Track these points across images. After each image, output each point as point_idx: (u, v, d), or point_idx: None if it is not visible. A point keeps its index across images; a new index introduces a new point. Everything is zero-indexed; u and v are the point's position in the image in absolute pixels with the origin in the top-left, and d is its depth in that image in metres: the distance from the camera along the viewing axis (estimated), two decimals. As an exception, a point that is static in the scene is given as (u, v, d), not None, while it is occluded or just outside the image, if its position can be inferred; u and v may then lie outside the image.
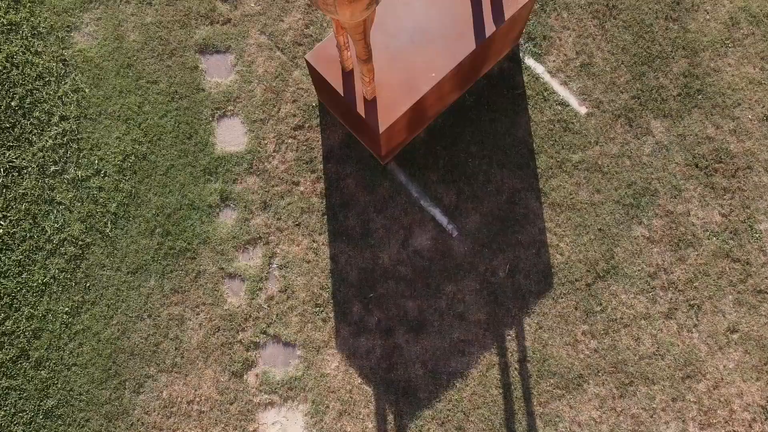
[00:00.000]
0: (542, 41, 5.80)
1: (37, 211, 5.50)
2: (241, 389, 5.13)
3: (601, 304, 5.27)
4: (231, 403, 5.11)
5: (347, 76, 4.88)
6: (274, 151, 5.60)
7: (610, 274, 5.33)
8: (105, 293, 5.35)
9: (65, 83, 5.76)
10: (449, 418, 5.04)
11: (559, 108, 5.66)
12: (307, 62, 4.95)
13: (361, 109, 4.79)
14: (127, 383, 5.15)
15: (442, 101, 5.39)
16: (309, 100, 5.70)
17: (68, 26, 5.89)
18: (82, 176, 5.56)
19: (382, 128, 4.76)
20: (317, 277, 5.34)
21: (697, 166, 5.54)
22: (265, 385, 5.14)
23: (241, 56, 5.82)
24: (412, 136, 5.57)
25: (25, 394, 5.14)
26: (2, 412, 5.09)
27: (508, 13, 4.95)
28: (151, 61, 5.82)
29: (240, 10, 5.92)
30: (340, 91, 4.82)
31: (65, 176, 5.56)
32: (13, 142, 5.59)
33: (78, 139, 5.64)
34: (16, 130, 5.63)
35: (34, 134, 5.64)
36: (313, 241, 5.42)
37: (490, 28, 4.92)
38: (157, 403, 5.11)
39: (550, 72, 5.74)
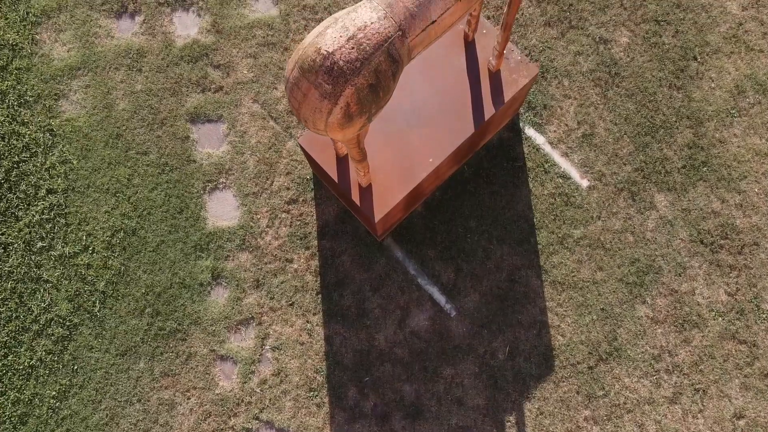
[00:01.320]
0: (543, 110, 5.64)
1: (23, 290, 5.34)
2: (232, 479, 4.99)
3: (603, 389, 5.12)
4: (222, 494, 4.96)
5: (342, 160, 4.72)
6: (267, 227, 5.45)
7: (612, 356, 5.18)
8: (93, 376, 5.19)
9: (53, 154, 5.61)
10: None
11: (561, 181, 5.51)
12: (300, 146, 4.80)
13: (356, 196, 4.63)
14: (115, 473, 5.00)
15: (439, 179, 5.24)
16: (303, 173, 5.54)
17: (56, 94, 5.73)
18: (69, 253, 5.40)
19: (377, 216, 4.60)
20: (311, 359, 5.19)
21: (702, 242, 5.39)
22: (257, 474, 4.99)
23: (233, 126, 5.67)
24: (409, 212, 5.41)
25: (10, 484, 4.99)
26: (-13, 504, 4.94)
27: (508, 94, 4.80)
28: (141, 130, 5.66)
29: (232, 78, 5.76)
30: (334, 176, 4.67)
31: (52, 253, 5.41)
32: (-2, 218, 5.45)
33: (66, 213, 5.49)
34: (1, 204, 5.48)
35: (21, 209, 5.49)
36: (307, 321, 5.26)
37: (489, 110, 4.77)
38: (146, 494, 4.96)
39: (551, 143, 5.59)
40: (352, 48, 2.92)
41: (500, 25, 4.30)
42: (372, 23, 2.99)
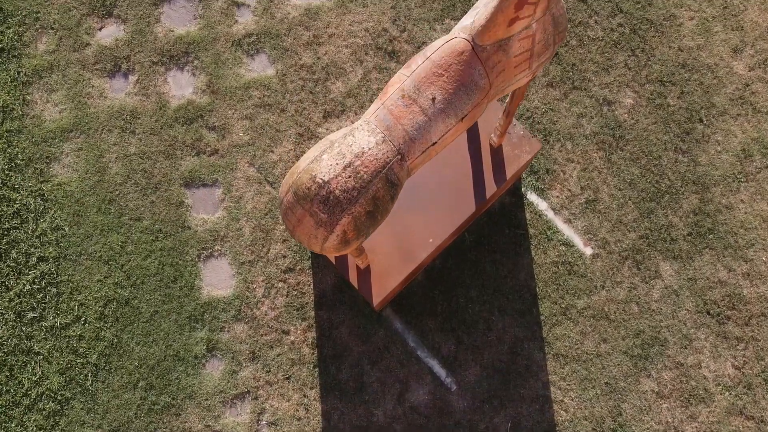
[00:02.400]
0: (545, 175, 5.52)
1: (13, 363, 5.22)
2: None
3: (607, 467, 5.00)
4: None
5: (339, 239, 4.60)
6: (263, 296, 5.32)
7: (617, 432, 5.06)
8: (85, 453, 5.08)
9: (44, 221, 5.48)
10: None
11: (564, 248, 5.38)
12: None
13: (353, 278, 4.51)
14: None
15: (439, 250, 5.11)
16: (300, 240, 5.41)
17: (47, 157, 5.60)
18: (61, 324, 5.28)
19: (376, 300, 4.48)
20: (309, 436, 5.07)
21: (708, 313, 5.27)
22: None
23: (228, 190, 5.54)
24: (409, 282, 5.29)
25: None
26: None
27: (510, 171, 4.67)
28: (135, 195, 5.53)
29: (228, 140, 5.64)
30: (332, 258, 4.55)
31: (44, 324, 5.28)
32: (-12, 287, 5.32)
33: (57, 282, 5.36)
34: (-9, 273, 5.36)
35: (11, 278, 5.37)
36: (304, 396, 5.14)
37: (491, 188, 4.65)
38: None
39: (553, 209, 5.46)
40: (349, 176, 2.79)
41: (503, 111, 4.18)
42: (370, 149, 2.86)
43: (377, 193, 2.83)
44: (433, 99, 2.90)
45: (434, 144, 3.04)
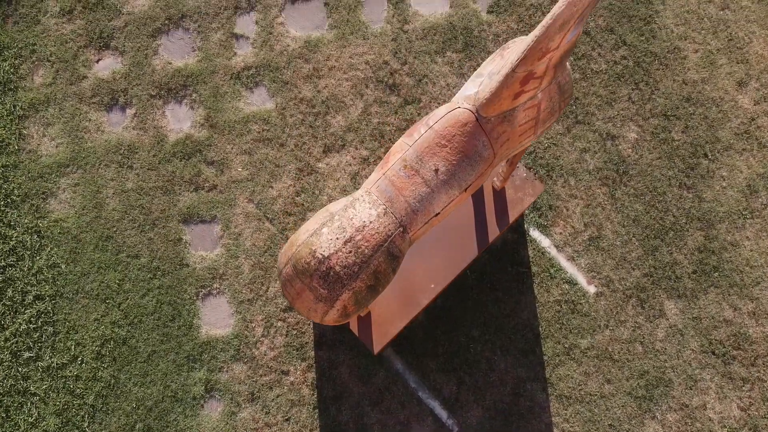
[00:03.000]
0: (548, 211, 5.44)
1: (9, 404, 5.15)
2: None
3: None
4: None
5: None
6: (262, 336, 5.25)
7: (621, 476, 4.99)
8: (82, 497, 5.01)
9: (40, 258, 5.41)
10: None
11: (567, 287, 5.31)
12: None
13: (354, 326, 4.44)
14: None
15: (440, 293, 5.04)
16: (300, 278, 5.34)
17: (44, 193, 5.53)
18: (57, 364, 5.21)
19: (377, 348, 4.41)
20: (308, 479, 5.00)
21: (713, 353, 5.19)
22: None
23: (227, 227, 5.47)
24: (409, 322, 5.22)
25: None
26: None
27: (513, 214, 4.60)
28: (132, 232, 5.46)
29: (227, 175, 5.56)
30: (332, 303, 4.48)
31: (40, 364, 5.21)
32: (-16, 327, 5.25)
33: (54, 321, 5.29)
34: (-13, 312, 5.29)
35: (7, 317, 5.29)
36: (304, 438, 5.07)
37: (493, 232, 4.58)
38: None
39: (556, 246, 5.39)
40: (350, 252, 2.72)
41: (506, 160, 4.11)
42: (371, 222, 2.79)
43: (378, 267, 2.77)
44: (436, 170, 2.83)
45: (437, 215, 2.97)
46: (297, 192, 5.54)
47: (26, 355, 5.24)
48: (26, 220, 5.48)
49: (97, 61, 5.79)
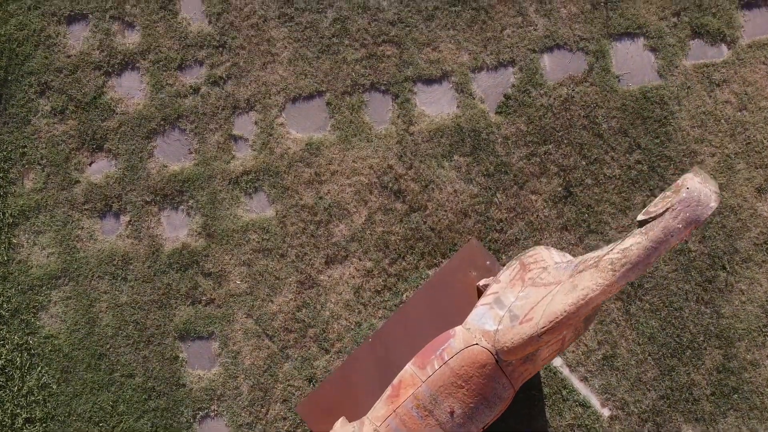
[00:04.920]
0: (560, 328, 5.22)
1: None
2: None
3: None
4: None
5: None
6: (262, 463, 5.04)
7: None
8: None
9: (31, 378, 5.19)
10: None
11: (580, 410, 5.09)
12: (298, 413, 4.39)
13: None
14: None
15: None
16: (300, 399, 5.13)
17: (34, 307, 5.31)
18: (48, 493, 4.99)
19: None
20: None
21: (733, 482, 4.98)
22: None
23: (225, 344, 5.25)
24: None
25: None
26: None
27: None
28: (126, 350, 5.24)
29: (224, 288, 5.34)
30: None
31: (30, 493, 5.00)
32: (-29, 454, 5.03)
33: (44, 446, 5.07)
34: (-25, 438, 5.07)
35: (-4, 442, 5.08)
36: None
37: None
38: None
39: (569, 365, 5.17)
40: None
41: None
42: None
43: None
44: (452, 413, 2.63)
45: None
46: (298, 307, 5.31)
47: (15, 483, 5.02)
48: (16, 337, 5.25)
49: (90, 164, 5.56)
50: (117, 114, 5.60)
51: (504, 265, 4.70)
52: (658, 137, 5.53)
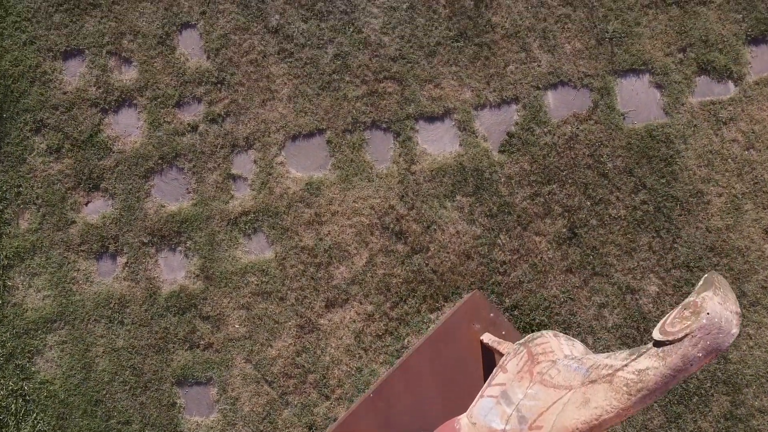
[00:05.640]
0: (565, 373, 5.13)
1: None
2: None
3: None
4: None
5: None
6: None
7: None
8: None
9: (26, 425, 5.10)
10: None
11: (585, 458, 5.00)
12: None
13: None
14: None
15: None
16: (301, 448, 5.05)
17: (30, 351, 5.22)
18: None
19: None
20: None
21: None
22: None
23: (224, 390, 5.16)
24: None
25: None
26: None
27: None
28: (123, 395, 5.15)
29: (223, 332, 5.25)
30: None
31: None
32: (-35, 504, 4.95)
33: (39, 495, 4.98)
34: (-32, 487, 4.98)
35: (-10, 491, 4.99)
36: None
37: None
38: None
39: (573, 412, 5.07)
40: None
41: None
42: None
43: None
44: None
45: None
46: (298, 352, 5.22)
47: None
48: (11, 383, 5.16)
49: (86, 204, 5.47)
50: (114, 152, 5.50)
51: (506, 320, 4.61)
52: (663, 177, 5.44)
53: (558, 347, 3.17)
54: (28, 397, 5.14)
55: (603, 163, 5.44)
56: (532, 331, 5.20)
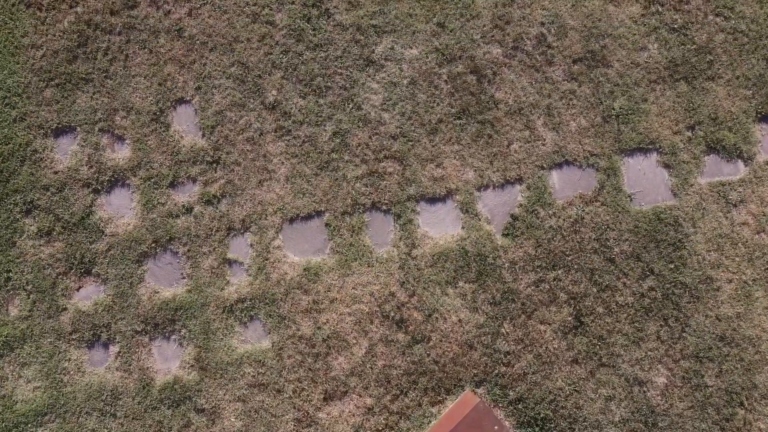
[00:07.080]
0: (570, 470, 4.99)
1: None
2: None
3: None
4: None
5: None
6: None
7: None
8: None
9: None
10: None
11: None
12: None
13: None
14: None
15: None
16: None
17: (19, 446, 5.07)
18: None
19: None
20: None
21: None
22: None
23: (219, 487, 5.00)
24: None
25: None
26: None
27: None
28: (115, 493, 5.00)
29: (219, 426, 5.09)
30: None
31: None
32: None
33: None
34: None
35: None
36: None
37: None
38: None
39: None
40: None
41: None
42: None
43: None
44: None
45: None
46: (296, 447, 5.07)
47: None
48: (-1, 480, 5.02)
49: (78, 290, 5.31)
50: (106, 235, 5.34)
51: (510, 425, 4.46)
52: (672, 262, 5.28)
53: None
54: (17, 495, 5.00)
55: (609, 247, 5.29)
56: (537, 426, 5.05)
